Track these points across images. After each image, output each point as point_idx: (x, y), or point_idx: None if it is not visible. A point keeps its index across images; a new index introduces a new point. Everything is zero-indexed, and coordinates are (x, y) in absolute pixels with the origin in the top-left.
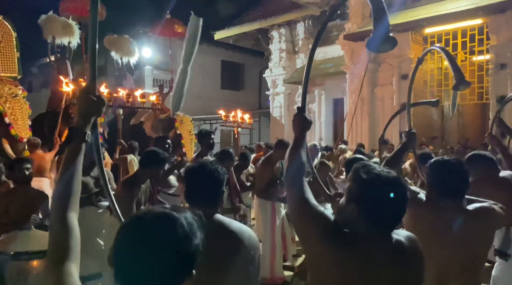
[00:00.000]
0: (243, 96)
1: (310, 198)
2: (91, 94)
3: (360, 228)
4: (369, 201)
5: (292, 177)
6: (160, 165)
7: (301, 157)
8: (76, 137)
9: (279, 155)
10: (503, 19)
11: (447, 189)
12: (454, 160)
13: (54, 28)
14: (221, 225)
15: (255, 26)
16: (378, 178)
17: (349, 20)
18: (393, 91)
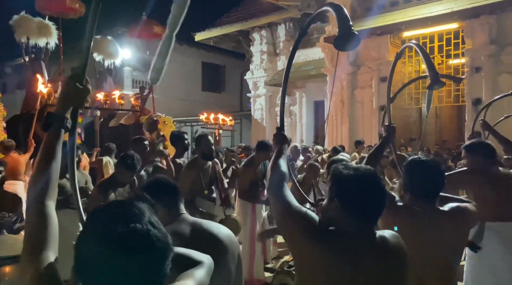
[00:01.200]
0: (224, 98)
1: (292, 200)
2: (78, 81)
3: (344, 223)
4: (349, 195)
5: (275, 185)
6: (131, 169)
7: (282, 166)
8: (55, 122)
9: (261, 156)
10: (478, 24)
11: (423, 189)
12: (429, 160)
13: (28, 29)
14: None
15: (236, 28)
16: (356, 172)
17: (330, 23)
18: (372, 93)
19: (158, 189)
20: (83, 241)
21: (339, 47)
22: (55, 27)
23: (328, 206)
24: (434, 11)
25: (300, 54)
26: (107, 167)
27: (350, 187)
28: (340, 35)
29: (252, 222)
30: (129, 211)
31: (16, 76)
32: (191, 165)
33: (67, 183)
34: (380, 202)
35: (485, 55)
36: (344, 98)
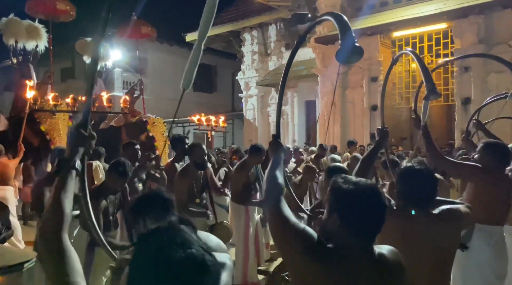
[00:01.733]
0: (216, 99)
1: (290, 216)
2: (82, 129)
3: (342, 240)
4: (349, 210)
5: (272, 198)
6: (123, 176)
7: (278, 178)
8: (64, 167)
9: (253, 160)
10: (466, 24)
11: (416, 197)
12: (423, 168)
13: (16, 32)
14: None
15: (227, 28)
16: (356, 187)
17: (320, 24)
18: (363, 93)
19: (148, 203)
20: (138, 266)
21: (341, 60)
22: (45, 30)
23: (327, 220)
24: (423, 11)
25: None
26: (97, 171)
27: (350, 202)
28: (342, 48)
29: (245, 225)
30: (181, 236)
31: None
32: (184, 172)
33: None
34: (381, 217)
35: None
36: (336, 98)
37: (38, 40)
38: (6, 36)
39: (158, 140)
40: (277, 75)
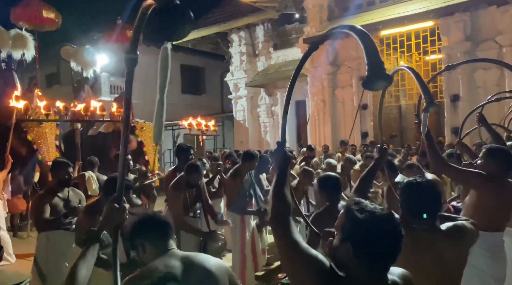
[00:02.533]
0: (204, 101)
1: (300, 239)
2: (116, 203)
3: (356, 269)
4: (365, 241)
5: (278, 217)
6: (126, 192)
7: (285, 196)
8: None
9: (247, 166)
10: (452, 21)
11: (420, 212)
12: (426, 182)
13: (0, 41)
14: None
15: (214, 30)
16: (372, 217)
17: (308, 24)
18: (353, 92)
19: (146, 227)
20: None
21: (367, 86)
22: (32, 38)
23: (339, 248)
24: (410, 10)
25: (280, 54)
26: (90, 181)
27: (366, 233)
28: (370, 75)
29: (241, 232)
30: None
31: None
32: (176, 186)
33: (60, 202)
34: (398, 248)
35: (461, 52)
36: (325, 98)
37: (24, 49)
38: None
39: (147, 145)
40: (266, 76)
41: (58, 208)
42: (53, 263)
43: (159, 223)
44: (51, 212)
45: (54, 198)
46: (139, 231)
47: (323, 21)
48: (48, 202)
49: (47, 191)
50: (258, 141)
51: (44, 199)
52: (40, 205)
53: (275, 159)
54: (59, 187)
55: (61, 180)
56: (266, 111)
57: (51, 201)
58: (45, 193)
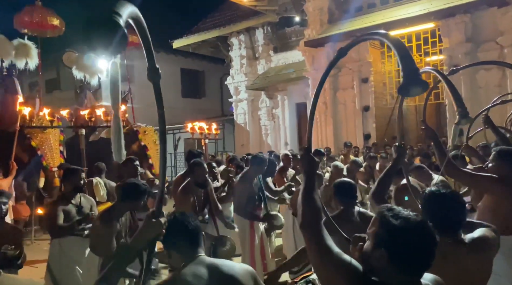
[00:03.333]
0: (205, 104)
1: (332, 245)
2: (154, 218)
3: (390, 276)
4: (399, 247)
5: (310, 223)
6: (141, 198)
7: (315, 202)
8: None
9: (255, 170)
10: (453, 23)
11: (444, 224)
12: (449, 194)
13: (3, 51)
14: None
15: (214, 34)
16: (407, 223)
17: (308, 27)
18: (354, 94)
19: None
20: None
21: (404, 93)
22: (35, 46)
23: (372, 253)
24: (411, 12)
25: (280, 57)
26: (98, 188)
27: (401, 239)
28: (406, 83)
29: (251, 237)
30: None
31: None
32: (185, 190)
33: (73, 209)
34: (432, 254)
35: (462, 53)
36: (327, 100)
37: (28, 58)
38: None
39: (150, 149)
40: (266, 79)
41: (71, 214)
42: (66, 269)
43: (187, 231)
44: (64, 218)
45: (67, 205)
46: (167, 239)
47: (324, 24)
48: (61, 208)
49: (60, 197)
50: (259, 144)
51: (58, 205)
52: (54, 211)
53: (303, 165)
54: (72, 194)
55: (75, 186)
56: (266, 114)
57: (65, 207)
58: (58, 199)
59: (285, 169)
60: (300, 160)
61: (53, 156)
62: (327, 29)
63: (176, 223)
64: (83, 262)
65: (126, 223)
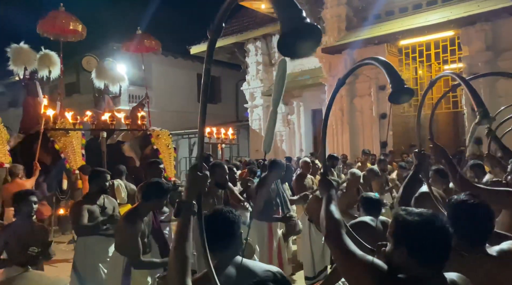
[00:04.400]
0: (220, 109)
1: (355, 249)
2: (198, 171)
3: (413, 271)
4: (417, 241)
5: (333, 233)
6: (164, 197)
7: (335, 213)
8: (186, 210)
9: (273, 175)
10: (473, 31)
11: (469, 235)
12: (478, 204)
13: (26, 60)
14: (244, 269)
15: (231, 40)
16: (421, 218)
17: (326, 34)
18: (371, 102)
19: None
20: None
21: (394, 100)
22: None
23: (393, 252)
24: (430, 20)
25: (296, 64)
26: (119, 190)
27: (417, 233)
28: (394, 91)
29: (269, 240)
30: None
31: (9, 95)
32: (206, 193)
33: (97, 209)
34: (448, 244)
35: (482, 62)
36: (343, 107)
37: (51, 67)
38: (15, 64)
39: (163, 152)
40: None
41: (95, 214)
42: (90, 267)
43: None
44: (88, 218)
45: (92, 205)
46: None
47: (341, 31)
48: (86, 208)
49: (85, 197)
50: (273, 150)
51: (83, 205)
52: (79, 211)
53: (321, 187)
54: (97, 195)
55: (100, 188)
56: (282, 120)
57: (89, 207)
58: (84, 199)
59: (303, 175)
60: (319, 184)
61: (76, 159)
62: (345, 36)
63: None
64: (107, 261)
65: (150, 222)
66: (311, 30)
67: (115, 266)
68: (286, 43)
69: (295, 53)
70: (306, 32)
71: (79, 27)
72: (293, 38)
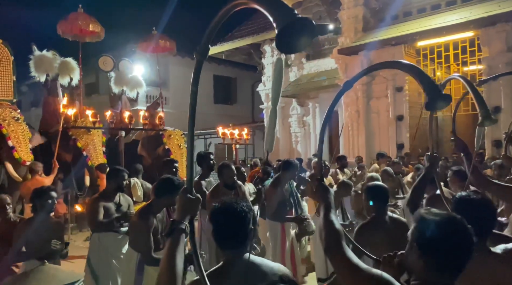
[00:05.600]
0: (236, 110)
1: (359, 262)
2: (189, 194)
3: (425, 276)
4: (435, 243)
5: (334, 246)
6: (176, 193)
7: (335, 224)
8: (178, 230)
9: (287, 176)
10: (494, 32)
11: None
12: (480, 199)
13: (49, 68)
14: (252, 266)
15: (247, 41)
16: (443, 220)
17: (342, 35)
18: (388, 103)
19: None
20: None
21: (430, 108)
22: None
23: (409, 254)
24: (449, 21)
25: (312, 65)
26: (135, 188)
27: (437, 235)
28: (430, 99)
29: (282, 240)
30: None
31: (31, 94)
32: (214, 193)
33: (112, 206)
34: (468, 253)
35: (502, 63)
36: (360, 109)
37: (71, 74)
38: (38, 71)
39: (174, 152)
40: (298, 86)
41: (110, 211)
42: (104, 262)
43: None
44: (104, 215)
45: (108, 202)
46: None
47: (358, 32)
48: (102, 204)
49: (102, 194)
50: (288, 151)
51: (100, 202)
52: (96, 207)
53: (318, 193)
54: (114, 192)
55: (117, 186)
56: (297, 122)
57: (105, 204)
58: (100, 196)
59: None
60: (316, 190)
61: (97, 156)
62: (362, 37)
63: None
64: (120, 258)
65: (163, 219)
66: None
67: (129, 261)
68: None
69: (293, 48)
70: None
71: (98, 29)
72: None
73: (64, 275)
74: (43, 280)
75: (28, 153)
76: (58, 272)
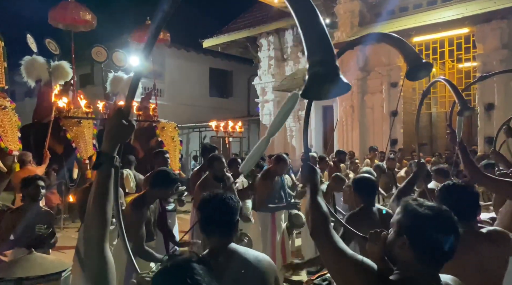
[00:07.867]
0: (231, 104)
1: (344, 247)
2: (123, 118)
3: (409, 266)
4: (421, 233)
5: (320, 229)
6: (171, 186)
7: (322, 207)
8: (105, 162)
9: (277, 169)
10: (489, 29)
11: (458, 213)
12: (462, 185)
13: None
14: (237, 255)
15: (243, 34)
16: (432, 211)
17: (338, 29)
18: (383, 99)
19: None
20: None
21: (411, 77)
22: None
23: (394, 241)
24: (444, 17)
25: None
26: (128, 179)
27: (425, 226)
28: (411, 68)
29: (272, 233)
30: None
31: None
32: (203, 184)
33: None
34: (454, 245)
35: (497, 60)
36: (354, 104)
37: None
38: (29, 76)
39: (167, 144)
40: (293, 81)
41: None
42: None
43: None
44: None
45: None
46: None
47: (354, 26)
48: None
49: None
50: (283, 145)
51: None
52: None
53: (304, 174)
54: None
55: None
56: (292, 116)
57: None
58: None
59: None
60: (301, 170)
61: (86, 149)
62: (358, 32)
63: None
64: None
65: (156, 211)
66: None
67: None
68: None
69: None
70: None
71: (88, 17)
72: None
73: (51, 264)
74: (29, 269)
75: (16, 142)
76: (45, 261)
